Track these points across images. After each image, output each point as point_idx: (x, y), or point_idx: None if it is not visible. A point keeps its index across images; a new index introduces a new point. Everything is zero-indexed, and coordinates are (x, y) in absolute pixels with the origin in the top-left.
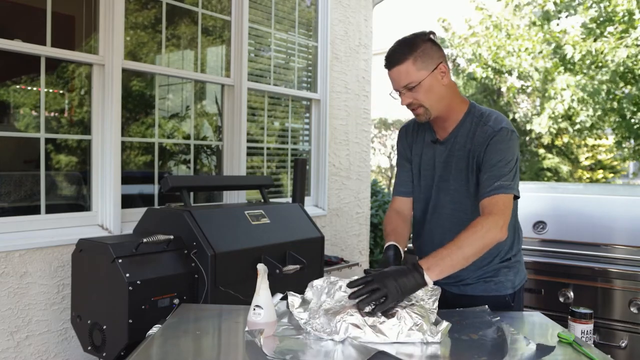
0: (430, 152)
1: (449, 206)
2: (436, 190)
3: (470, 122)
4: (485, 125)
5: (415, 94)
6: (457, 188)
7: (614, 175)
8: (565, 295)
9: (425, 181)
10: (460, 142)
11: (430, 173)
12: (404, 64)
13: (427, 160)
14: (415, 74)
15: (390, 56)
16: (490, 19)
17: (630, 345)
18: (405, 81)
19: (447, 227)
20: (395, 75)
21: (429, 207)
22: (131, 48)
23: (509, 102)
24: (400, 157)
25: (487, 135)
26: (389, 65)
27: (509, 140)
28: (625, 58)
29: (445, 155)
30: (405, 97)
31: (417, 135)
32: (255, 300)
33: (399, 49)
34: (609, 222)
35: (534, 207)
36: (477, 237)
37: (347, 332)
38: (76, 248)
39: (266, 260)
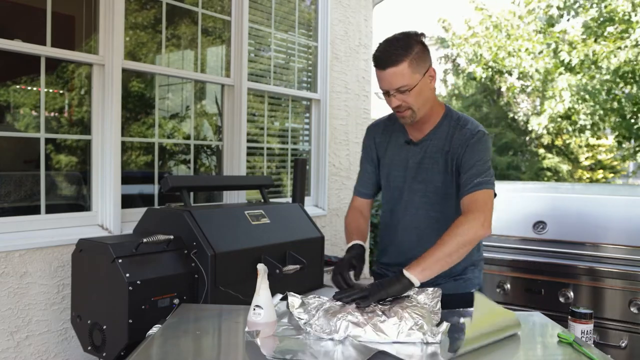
0: (402, 153)
1: (423, 207)
2: (408, 192)
3: (448, 125)
4: (464, 129)
5: (405, 97)
6: (432, 189)
7: (614, 175)
8: (565, 295)
9: (395, 182)
10: (437, 144)
11: (402, 174)
12: (400, 66)
13: (399, 161)
14: (409, 77)
15: (384, 56)
16: (490, 19)
17: (630, 345)
18: (399, 84)
19: (422, 228)
20: (388, 77)
21: (399, 208)
22: (131, 48)
23: (509, 102)
24: (366, 157)
25: (465, 138)
26: (383, 65)
27: (486, 142)
28: (623, 63)
29: (420, 157)
30: (394, 99)
31: (389, 136)
32: (255, 300)
33: (394, 50)
34: (609, 222)
35: (534, 207)
36: (457, 233)
37: (347, 331)
38: (76, 248)
39: (266, 260)
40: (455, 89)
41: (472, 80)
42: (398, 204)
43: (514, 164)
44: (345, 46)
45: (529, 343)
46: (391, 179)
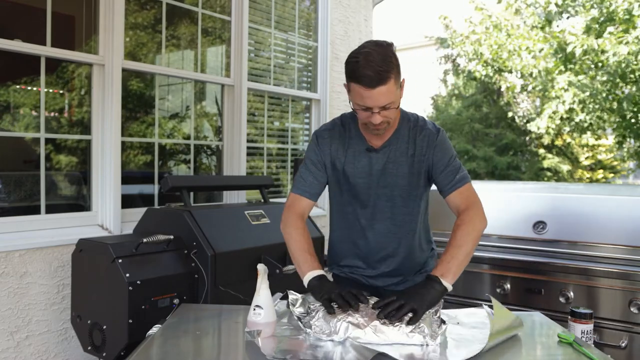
0: (364, 160)
1: (391, 211)
2: (375, 198)
3: (407, 128)
4: (425, 129)
5: (388, 113)
6: (398, 192)
7: (614, 175)
8: (565, 295)
9: (360, 189)
10: (399, 148)
11: (366, 181)
12: (388, 83)
13: (362, 168)
14: (394, 93)
15: (373, 74)
16: (490, 19)
17: (630, 345)
18: (387, 101)
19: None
20: (377, 95)
21: (365, 213)
22: (131, 48)
23: (508, 102)
24: (316, 161)
25: (430, 139)
26: (372, 84)
27: (447, 139)
28: (626, 55)
29: (383, 162)
30: (378, 116)
31: (346, 143)
32: (255, 300)
33: (379, 67)
34: (609, 222)
35: (534, 207)
36: (468, 231)
37: (347, 332)
38: (76, 248)
39: (266, 260)
40: (455, 89)
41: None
42: (363, 209)
43: (514, 164)
44: (345, 46)
45: (529, 343)
46: (354, 185)
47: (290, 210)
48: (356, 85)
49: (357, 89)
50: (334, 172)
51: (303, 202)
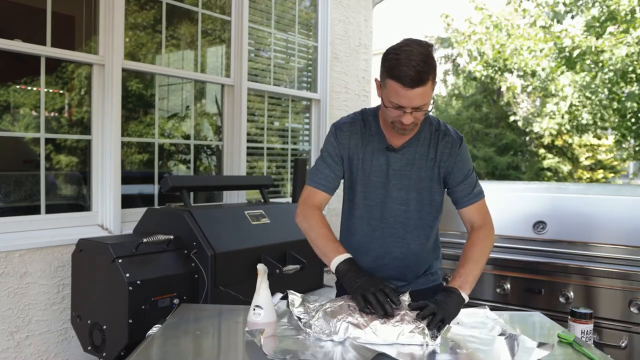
0: (382, 159)
1: (404, 215)
2: (389, 199)
3: (429, 132)
4: (448, 135)
5: (419, 114)
6: (416, 197)
7: (614, 175)
8: (565, 295)
9: (373, 189)
10: (420, 150)
11: (381, 180)
12: (427, 85)
13: (379, 167)
14: (430, 95)
15: (414, 74)
16: (490, 18)
17: (630, 345)
18: (422, 102)
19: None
20: (414, 95)
21: (376, 216)
22: (131, 48)
23: (509, 102)
24: (334, 154)
25: (453, 146)
26: (412, 84)
27: (466, 147)
28: (624, 56)
29: (402, 164)
30: (409, 117)
31: (366, 140)
32: (255, 300)
33: (422, 68)
34: (609, 222)
35: (534, 207)
36: (485, 249)
37: (347, 332)
38: (76, 248)
39: (266, 260)
40: (455, 89)
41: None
42: (375, 209)
43: (514, 164)
44: (345, 46)
45: None
46: (369, 185)
47: (307, 203)
48: (394, 83)
49: (395, 87)
50: (349, 168)
51: (319, 195)
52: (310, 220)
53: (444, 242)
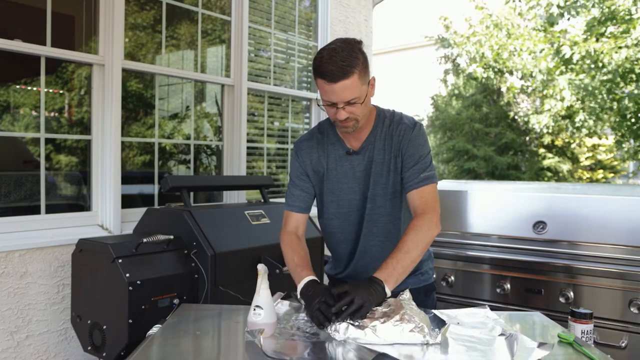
0: (346, 164)
1: (376, 213)
2: (358, 202)
3: (382, 125)
4: (400, 124)
5: (354, 109)
6: (383, 193)
7: (614, 175)
8: (565, 295)
9: (347, 195)
10: (378, 146)
11: (350, 185)
12: (351, 78)
13: (344, 172)
14: (359, 88)
15: (335, 69)
16: (490, 18)
17: (630, 345)
18: (350, 96)
19: (382, 236)
20: (339, 90)
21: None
22: (131, 48)
23: (509, 102)
24: (299, 174)
25: (404, 132)
26: (334, 78)
27: (424, 133)
28: (624, 59)
29: (364, 164)
30: (343, 112)
31: (326, 149)
32: (255, 301)
33: (342, 61)
34: (609, 222)
35: (534, 207)
36: (419, 238)
37: (347, 333)
38: (76, 248)
39: (266, 260)
40: (455, 89)
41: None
42: (349, 216)
43: (514, 164)
44: None
45: None
46: (338, 191)
47: (284, 230)
48: (320, 80)
49: (322, 84)
50: (318, 182)
51: (294, 217)
52: (285, 247)
53: (444, 242)
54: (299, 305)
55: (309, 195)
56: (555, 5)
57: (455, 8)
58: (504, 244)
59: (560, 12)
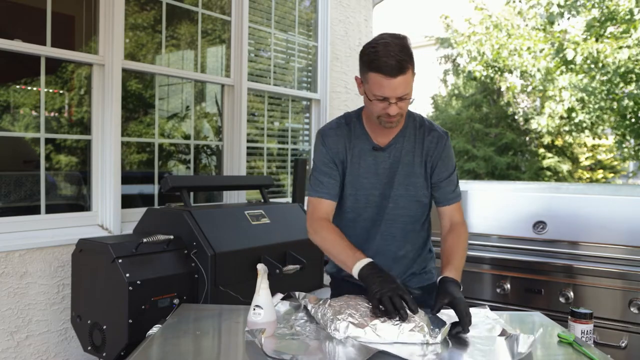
0: (370, 160)
1: (395, 213)
2: (377, 199)
3: (414, 127)
4: (434, 131)
5: (403, 104)
6: (407, 195)
7: (614, 175)
8: (565, 295)
9: (363, 190)
10: (406, 147)
11: (371, 181)
12: (407, 73)
13: (367, 168)
14: (411, 84)
15: (394, 63)
16: (490, 18)
17: (630, 345)
18: (404, 91)
19: (399, 236)
20: (396, 85)
21: (367, 217)
22: (131, 48)
23: (509, 102)
24: (328, 160)
25: (440, 141)
26: (393, 73)
27: (451, 146)
28: (626, 60)
29: (389, 162)
30: (395, 107)
31: (352, 142)
32: (255, 300)
33: (400, 56)
34: (609, 222)
35: (534, 207)
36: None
37: (347, 331)
38: (76, 248)
39: (266, 260)
40: (455, 89)
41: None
42: (366, 212)
43: (514, 164)
44: (345, 46)
45: None
46: (358, 185)
47: (313, 217)
48: (376, 75)
49: (377, 79)
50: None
51: (324, 204)
52: (321, 233)
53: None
54: (299, 305)
55: (337, 183)
56: (556, 5)
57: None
58: (504, 244)
59: (561, 11)
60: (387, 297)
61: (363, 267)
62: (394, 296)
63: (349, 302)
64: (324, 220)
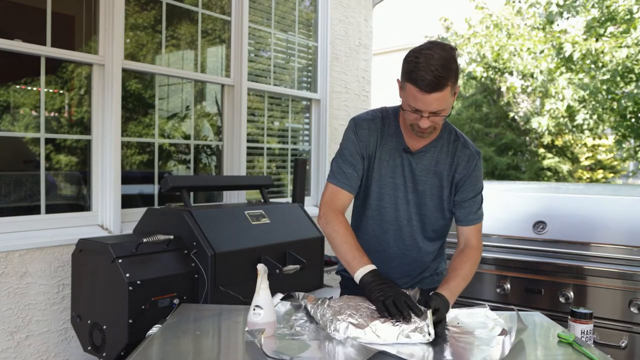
0: (397, 160)
1: (417, 219)
2: (401, 202)
3: (447, 140)
4: (467, 148)
5: (437, 119)
6: (430, 203)
7: (614, 175)
8: (565, 295)
9: (388, 189)
10: (438, 157)
11: (397, 182)
12: (444, 91)
13: (394, 168)
14: (448, 100)
15: (432, 79)
16: (491, 18)
17: (630, 345)
18: (439, 107)
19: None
20: (431, 100)
21: (388, 218)
22: (131, 48)
23: (509, 102)
24: (356, 151)
25: (471, 159)
26: (429, 89)
27: (482, 166)
28: (624, 58)
29: (418, 168)
30: (426, 121)
31: (382, 138)
32: (255, 301)
33: (439, 72)
34: (609, 222)
35: (534, 207)
36: (474, 269)
37: (347, 332)
38: (76, 248)
39: (266, 260)
40: None
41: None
42: (389, 212)
43: (514, 164)
44: (345, 46)
45: (529, 343)
46: (384, 185)
47: (331, 207)
48: (412, 87)
49: (412, 91)
50: (367, 166)
51: (343, 195)
52: (333, 225)
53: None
54: (299, 305)
55: (359, 177)
56: (555, 4)
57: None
58: (504, 244)
59: (560, 10)
60: (390, 300)
61: (366, 274)
62: (397, 300)
63: (348, 303)
64: (340, 214)
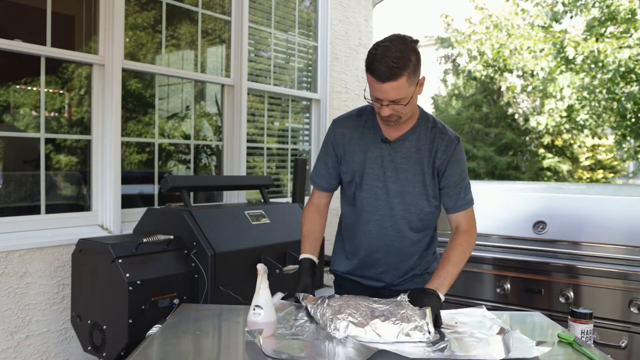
0: (377, 151)
1: (400, 208)
2: (382, 191)
3: (425, 128)
4: (445, 134)
5: (398, 107)
6: (409, 190)
7: (614, 175)
8: (565, 295)
9: (369, 180)
10: (414, 145)
11: (377, 172)
12: (399, 80)
13: (374, 159)
14: (406, 89)
15: (384, 69)
16: (490, 18)
17: (630, 345)
18: (396, 96)
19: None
20: (386, 89)
21: (371, 209)
22: (131, 48)
23: (509, 102)
24: (328, 152)
25: (449, 145)
26: (381, 78)
27: (463, 151)
28: (627, 59)
29: (395, 156)
30: (386, 109)
31: (361, 132)
32: (255, 300)
33: (394, 63)
34: (609, 222)
35: (534, 207)
36: (466, 254)
37: (348, 331)
38: (76, 248)
39: (266, 260)
40: (455, 89)
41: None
42: (371, 202)
43: (514, 164)
44: (345, 46)
45: None
46: (365, 176)
47: (308, 203)
48: (369, 76)
49: (370, 80)
50: (347, 161)
51: (318, 193)
52: (306, 215)
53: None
54: (299, 304)
55: (331, 176)
56: (561, 3)
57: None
58: (504, 244)
59: (565, 9)
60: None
61: (302, 260)
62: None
63: (348, 302)
64: (312, 209)
